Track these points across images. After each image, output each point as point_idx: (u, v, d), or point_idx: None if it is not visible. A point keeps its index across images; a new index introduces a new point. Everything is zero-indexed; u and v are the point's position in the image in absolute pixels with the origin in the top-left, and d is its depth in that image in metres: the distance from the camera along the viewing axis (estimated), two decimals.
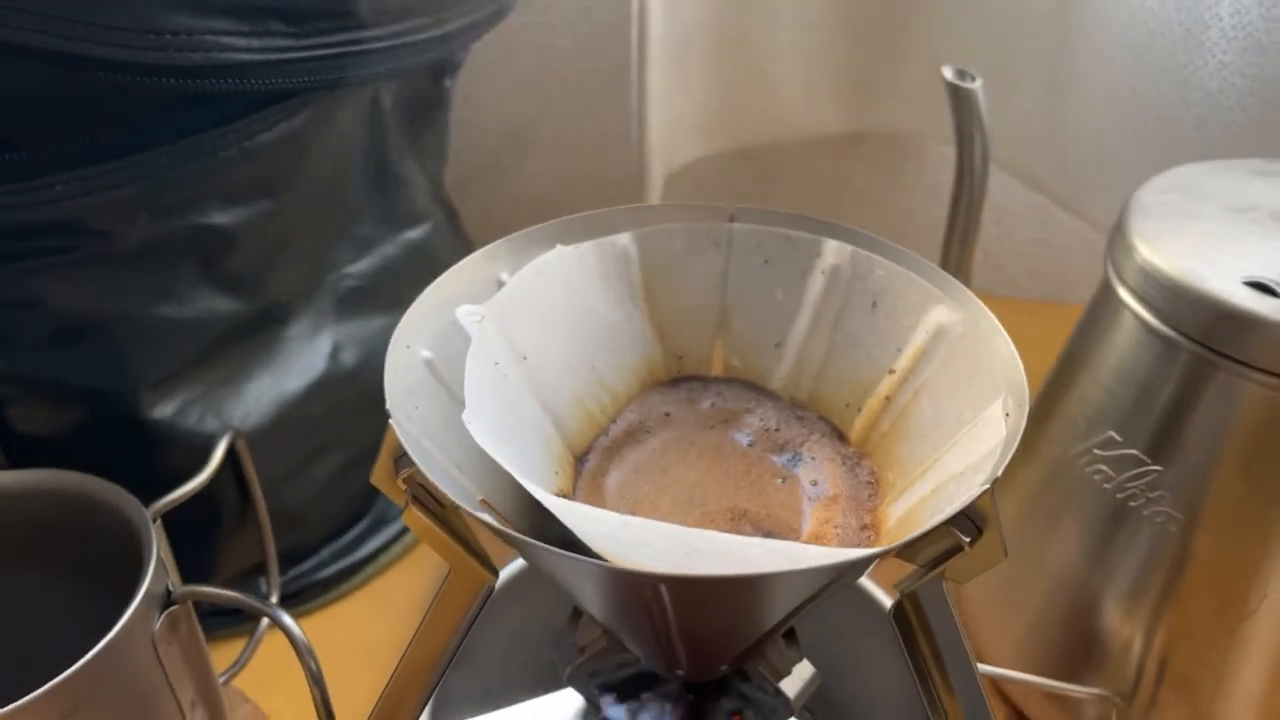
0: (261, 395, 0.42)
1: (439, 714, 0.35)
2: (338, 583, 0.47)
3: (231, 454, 0.39)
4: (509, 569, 0.40)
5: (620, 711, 0.34)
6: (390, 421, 0.25)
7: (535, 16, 0.64)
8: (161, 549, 0.32)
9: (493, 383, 0.27)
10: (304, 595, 0.46)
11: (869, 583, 0.39)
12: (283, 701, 0.41)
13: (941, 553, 0.24)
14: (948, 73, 0.41)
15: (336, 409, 0.45)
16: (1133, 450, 0.34)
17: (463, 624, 0.28)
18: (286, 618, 0.31)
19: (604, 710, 0.34)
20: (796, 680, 0.30)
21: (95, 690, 0.29)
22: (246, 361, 0.41)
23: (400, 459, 0.25)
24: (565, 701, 0.34)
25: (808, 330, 0.32)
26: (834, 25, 0.58)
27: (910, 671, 0.27)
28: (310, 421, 0.44)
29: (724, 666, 0.30)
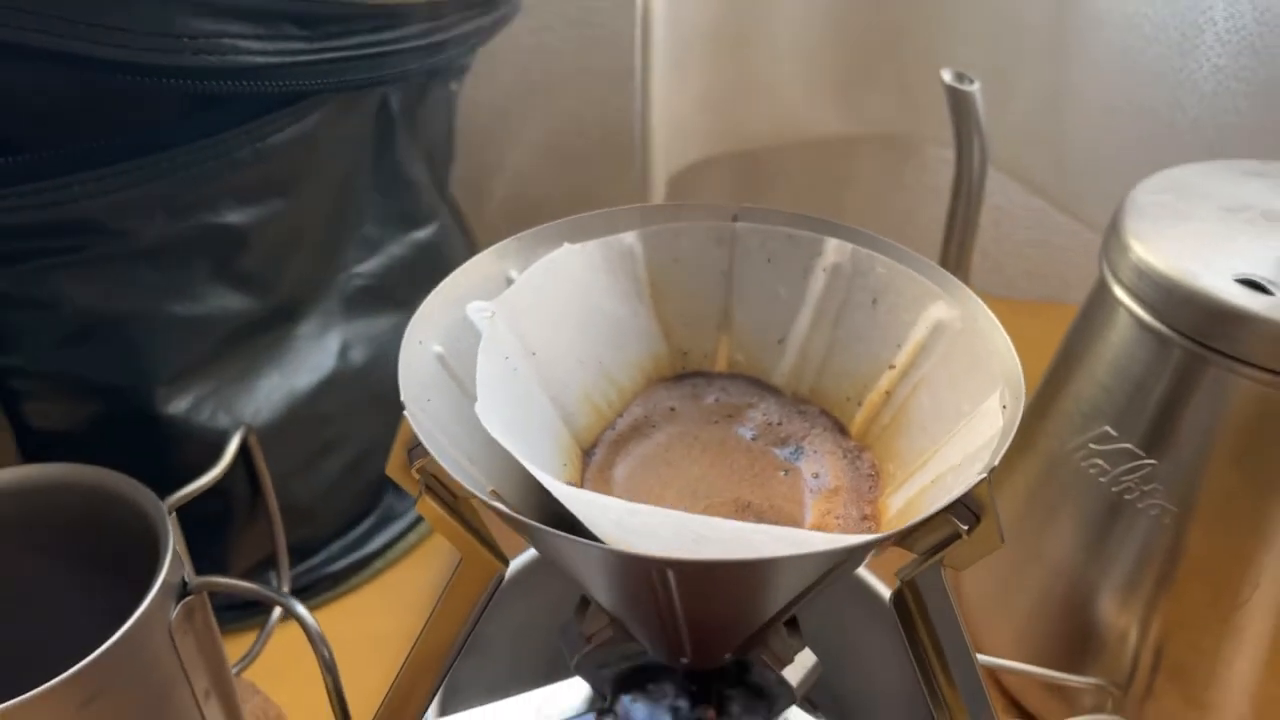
0: (272, 392, 0.42)
1: (449, 702, 0.36)
2: (347, 576, 0.47)
3: (244, 449, 0.40)
4: (517, 561, 0.40)
5: (624, 702, 0.34)
6: (405, 413, 0.25)
7: (538, 20, 0.65)
8: (176, 542, 0.33)
9: (503, 377, 0.28)
10: (314, 589, 0.47)
11: (870, 576, 0.40)
12: (293, 694, 0.42)
13: (940, 540, 0.25)
14: (946, 75, 0.42)
15: (345, 406, 0.46)
16: (1127, 444, 0.35)
17: (473, 612, 0.28)
18: (300, 606, 0.32)
19: (609, 702, 0.35)
20: (799, 668, 0.31)
21: (114, 678, 0.30)
22: (258, 359, 0.42)
23: (414, 450, 0.26)
24: (572, 690, 0.35)
25: (810, 326, 0.32)
26: (834, 29, 0.59)
27: (910, 660, 0.28)
28: (319, 418, 0.45)
29: (727, 655, 0.31)
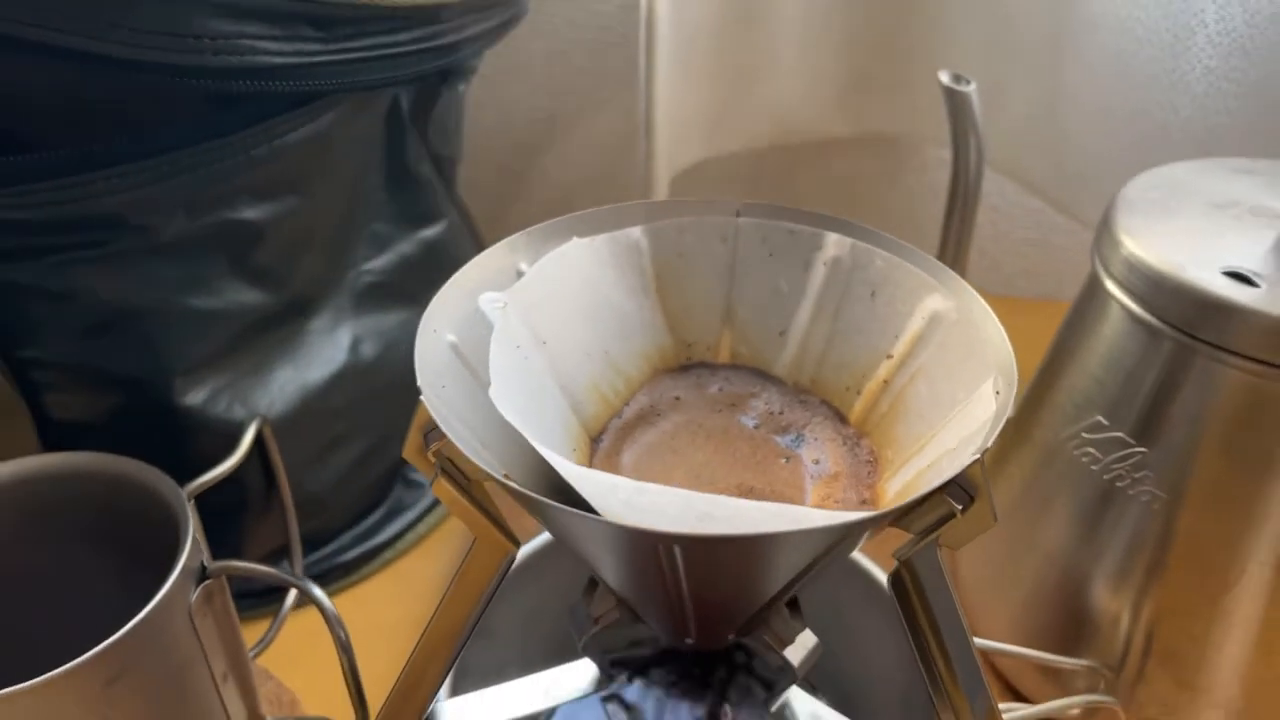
0: (286, 385, 0.43)
1: (459, 684, 0.37)
2: (357, 566, 0.48)
3: (259, 440, 0.41)
4: (526, 548, 0.41)
5: (629, 683, 0.35)
6: (421, 398, 0.26)
7: (543, 22, 0.66)
8: (195, 528, 0.34)
9: (515, 365, 0.29)
10: (325, 578, 0.48)
11: (868, 563, 0.41)
12: (306, 681, 0.43)
13: (936, 520, 0.26)
14: (944, 76, 0.43)
15: (356, 400, 0.47)
16: (1119, 433, 0.36)
17: (486, 592, 0.29)
18: (316, 589, 0.33)
19: (615, 687, 0.36)
20: (800, 649, 0.32)
21: (136, 658, 0.30)
22: (271, 352, 0.43)
23: (429, 433, 0.27)
24: (579, 671, 0.35)
25: (810, 319, 0.33)
26: (836, 33, 0.60)
27: (909, 641, 0.28)
28: (331, 411, 0.46)
29: (731, 636, 0.32)
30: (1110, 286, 0.36)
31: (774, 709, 0.34)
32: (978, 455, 0.25)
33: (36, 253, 0.37)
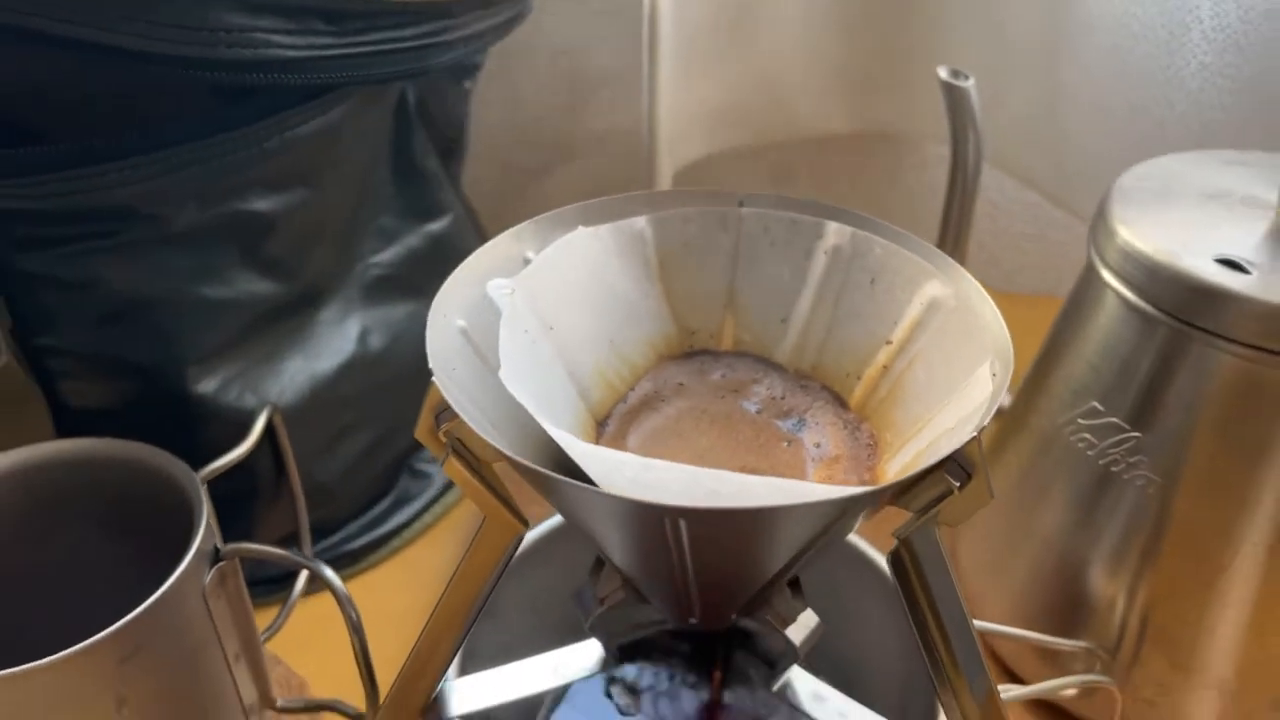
0: (296, 374, 0.44)
1: (467, 665, 0.38)
2: (365, 554, 0.49)
3: (269, 428, 0.42)
4: (534, 532, 0.42)
5: (636, 668, 0.36)
6: (433, 379, 0.27)
7: (547, 18, 0.66)
8: (209, 512, 0.34)
9: (524, 349, 0.30)
10: (333, 566, 0.47)
11: (867, 547, 0.41)
12: (315, 666, 0.44)
13: (934, 497, 0.26)
14: (942, 72, 0.43)
15: (364, 390, 0.47)
16: (1114, 419, 0.36)
17: (494, 571, 0.30)
18: (327, 570, 0.33)
19: (620, 671, 0.36)
20: (802, 628, 0.32)
21: (151, 636, 0.31)
22: (281, 342, 0.44)
23: (441, 414, 0.28)
24: (586, 651, 0.36)
25: (811, 306, 0.34)
26: (836, 30, 0.60)
27: (908, 620, 0.29)
28: (340, 401, 0.46)
29: (734, 615, 0.33)
30: (1106, 275, 0.37)
31: (776, 688, 0.34)
32: (975, 433, 0.25)
33: (49, 243, 0.37)
